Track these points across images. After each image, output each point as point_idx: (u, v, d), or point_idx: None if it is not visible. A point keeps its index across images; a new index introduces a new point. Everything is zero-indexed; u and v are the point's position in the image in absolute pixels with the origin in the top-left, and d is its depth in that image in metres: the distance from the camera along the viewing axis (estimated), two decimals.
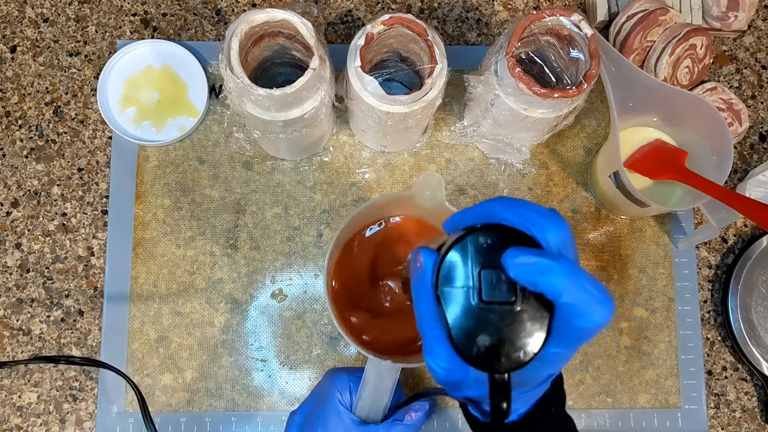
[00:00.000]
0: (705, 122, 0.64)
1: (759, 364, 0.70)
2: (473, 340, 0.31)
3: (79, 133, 0.73)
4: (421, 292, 0.33)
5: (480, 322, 0.31)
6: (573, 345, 0.32)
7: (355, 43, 0.57)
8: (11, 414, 0.68)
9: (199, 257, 0.71)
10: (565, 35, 0.59)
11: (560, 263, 0.29)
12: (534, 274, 0.29)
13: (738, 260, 0.72)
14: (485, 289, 0.31)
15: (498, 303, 0.31)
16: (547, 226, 0.31)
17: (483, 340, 0.30)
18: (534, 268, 0.29)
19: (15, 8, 0.75)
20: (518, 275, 0.30)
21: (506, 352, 0.30)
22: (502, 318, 0.31)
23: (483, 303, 0.31)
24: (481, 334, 0.31)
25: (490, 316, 0.31)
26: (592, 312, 0.29)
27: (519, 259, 0.30)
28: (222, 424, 0.68)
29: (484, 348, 0.30)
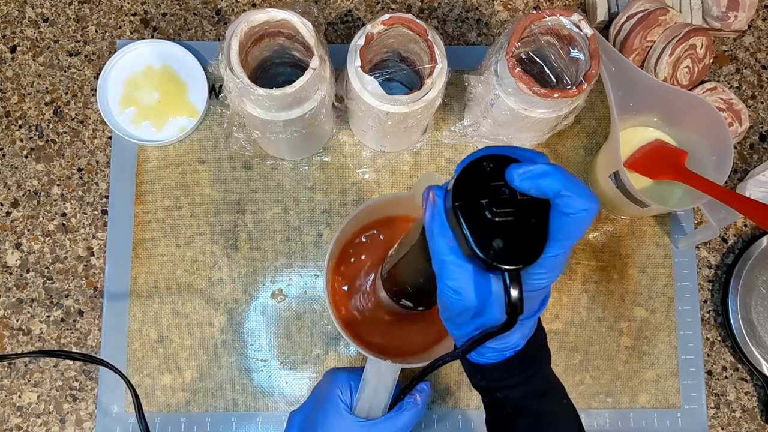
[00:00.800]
0: (705, 122, 0.64)
1: (759, 364, 0.70)
2: (489, 244, 0.36)
3: (79, 133, 0.73)
4: (437, 221, 0.38)
5: (492, 231, 0.36)
6: (567, 243, 0.37)
7: (355, 43, 0.57)
8: (11, 414, 0.68)
9: (199, 257, 0.71)
10: (565, 35, 0.59)
11: (555, 168, 0.35)
12: (536, 178, 0.35)
13: (738, 260, 0.71)
14: (495, 202, 0.36)
15: (505, 212, 0.36)
16: (532, 155, 0.37)
17: (497, 243, 0.36)
18: (535, 173, 0.35)
19: (15, 8, 0.75)
20: (522, 183, 0.35)
21: (517, 251, 0.36)
22: (509, 227, 0.36)
23: (494, 214, 0.36)
24: (495, 240, 0.36)
25: (501, 226, 0.36)
26: (582, 201, 0.35)
27: (521, 169, 0.35)
28: (222, 425, 0.68)
29: (499, 249, 0.35)
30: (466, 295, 0.38)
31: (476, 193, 0.36)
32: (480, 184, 0.36)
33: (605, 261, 0.73)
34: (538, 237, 0.36)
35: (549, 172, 0.35)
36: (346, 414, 0.52)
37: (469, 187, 0.37)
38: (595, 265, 0.72)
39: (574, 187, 0.35)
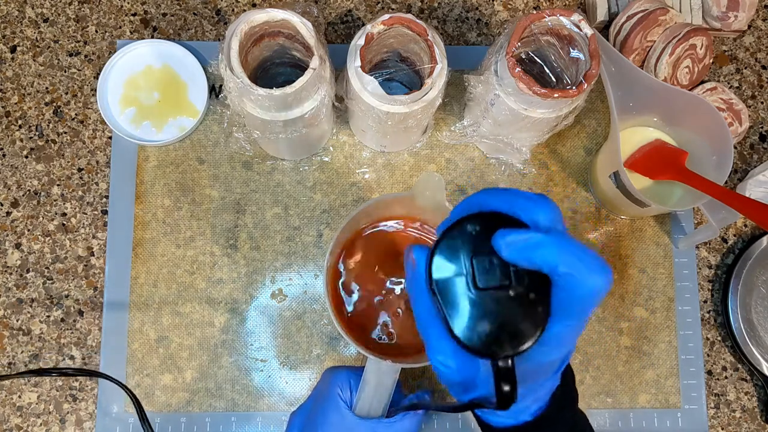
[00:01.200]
0: (705, 122, 0.64)
1: (759, 364, 0.70)
2: (473, 329, 0.30)
3: (79, 133, 0.73)
4: (416, 289, 0.33)
5: (478, 310, 0.30)
6: (575, 320, 0.31)
7: (355, 43, 0.57)
8: (11, 414, 0.68)
9: (199, 257, 0.71)
10: (565, 35, 0.59)
11: (550, 236, 0.29)
12: (527, 250, 0.29)
13: (738, 260, 0.71)
14: (479, 275, 0.30)
15: (493, 288, 0.30)
16: (535, 209, 0.31)
17: (483, 327, 0.30)
18: (526, 244, 0.29)
19: (15, 8, 0.75)
20: (511, 254, 0.30)
21: (508, 337, 0.30)
22: (499, 303, 0.30)
23: (479, 290, 0.30)
24: (480, 321, 0.30)
25: (488, 303, 0.30)
26: (588, 278, 0.29)
27: (510, 238, 0.30)
28: (222, 425, 0.68)
29: (485, 335, 0.30)
30: (459, 370, 0.33)
31: (457, 266, 0.31)
32: (463, 253, 0.31)
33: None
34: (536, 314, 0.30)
35: (542, 242, 0.29)
36: (347, 412, 0.52)
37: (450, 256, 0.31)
38: None
39: (574, 261, 0.29)
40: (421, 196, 0.56)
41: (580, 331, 0.32)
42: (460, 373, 0.33)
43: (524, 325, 0.30)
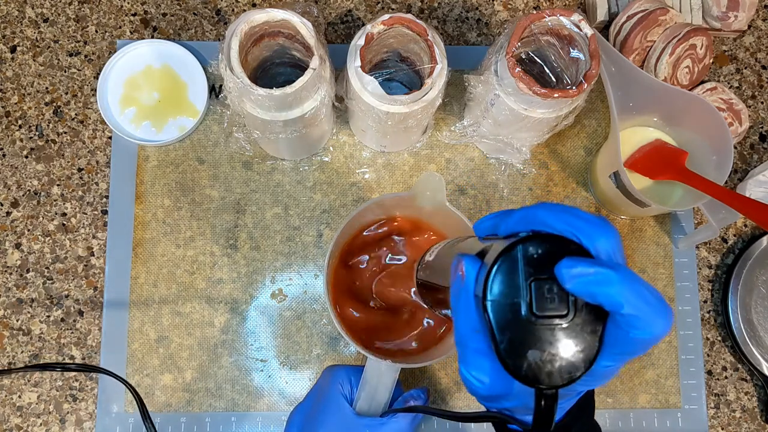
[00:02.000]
0: (705, 122, 0.64)
1: (759, 364, 0.70)
2: (523, 355, 0.29)
3: (79, 133, 0.73)
4: (462, 303, 0.32)
5: (531, 337, 0.29)
6: (625, 358, 0.30)
7: (355, 43, 0.57)
8: (11, 414, 0.68)
9: (199, 257, 0.71)
10: (565, 35, 0.59)
11: (619, 273, 0.28)
12: (593, 285, 0.28)
13: (738, 260, 0.71)
14: (537, 301, 0.29)
15: (550, 317, 0.29)
16: (595, 234, 0.29)
17: (534, 355, 0.29)
18: (592, 278, 0.28)
19: (15, 8, 0.75)
20: (575, 287, 0.28)
21: (557, 367, 0.29)
22: (553, 332, 0.29)
23: (534, 316, 0.29)
24: (531, 348, 0.29)
25: (541, 330, 0.29)
26: (652, 323, 0.28)
27: (576, 270, 0.28)
28: (222, 424, 0.68)
29: (534, 363, 0.29)
30: (494, 387, 0.33)
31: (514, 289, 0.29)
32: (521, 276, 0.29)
33: None
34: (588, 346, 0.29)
35: (609, 279, 0.27)
36: (348, 409, 0.52)
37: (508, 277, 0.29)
38: None
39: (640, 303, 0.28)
40: (421, 196, 0.56)
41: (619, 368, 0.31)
42: (492, 390, 0.33)
43: (575, 356, 0.29)
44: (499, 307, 0.29)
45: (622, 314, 0.28)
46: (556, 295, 0.29)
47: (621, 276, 0.28)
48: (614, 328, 0.29)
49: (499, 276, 0.29)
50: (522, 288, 0.29)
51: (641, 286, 0.28)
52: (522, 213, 0.31)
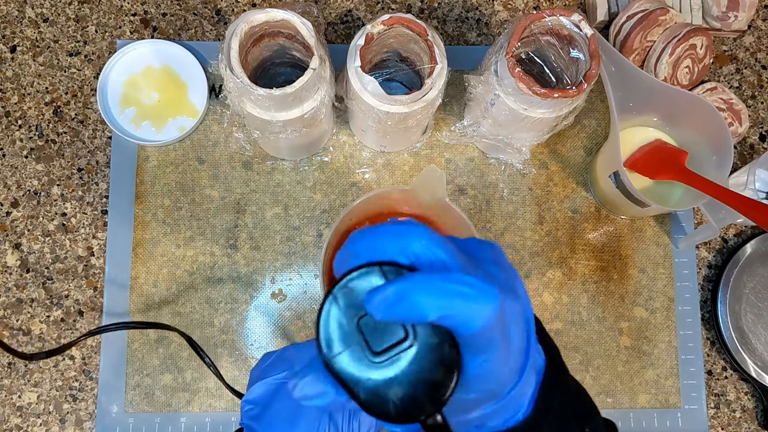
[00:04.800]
0: (705, 122, 0.64)
1: (750, 370, 0.70)
2: (386, 398, 0.27)
3: (79, 133, 0.73)
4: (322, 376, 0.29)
5: (383, 376, 0.27)
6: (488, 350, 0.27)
7: (355, 43, 0.57)
8: (11, 414, 0.68)
9: (199, 257, 0.71)
10: (565, 35, 0.59)
11: (413, 279, 0.25)
12: (393, 306, 0.25)
13: (724, 269, 0.71)
14: (371, 340, 0.27)
15: (391, 347, 0.27)
16: (403, 242, 0.27)
17: (395, 393, 0.26)
18: (389, 300, 0.25)
19: (15, 8, 0.75)
20: (384, 315, 0.26)
21: (426, 394, 0.27)
22: (401, 361, 0.27)
23: (376, 355, 0.27)
24: (390, 388, 0.27)
25: (390, 365, 0.27)
26: (470, 312, 0.25)
27: (375, 299, 0.26)
28: (222, 425, 0.68)
29: (400, 401, 0.26)
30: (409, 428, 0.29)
31: (346, 338, 0.27)
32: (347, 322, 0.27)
33: (605, 261, 0.73)
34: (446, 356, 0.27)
35: (405, 291, 0.25)
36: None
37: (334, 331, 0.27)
38: (595, 265, 0.72)
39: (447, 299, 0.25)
40: (421, 191, 0.56)
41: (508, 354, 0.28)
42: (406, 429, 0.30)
43: (437, 373, 0.26)
44: (341, 363, 0.27)
45: (440, 319, 0.25)
46: (388, 324, 0.27)
47: (418, 282, 0.25)
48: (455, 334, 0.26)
49: (327, 329, 0.27)
50: (352, 333, 0.27)
51: (446, 281, 0.25)
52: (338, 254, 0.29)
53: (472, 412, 0.30)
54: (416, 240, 0.27)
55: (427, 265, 0.27)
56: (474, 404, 0.30)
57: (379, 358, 0.27)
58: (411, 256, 0.27)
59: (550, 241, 0.72)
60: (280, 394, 0.50)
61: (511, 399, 0.31)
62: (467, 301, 0.25)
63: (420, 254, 0.27)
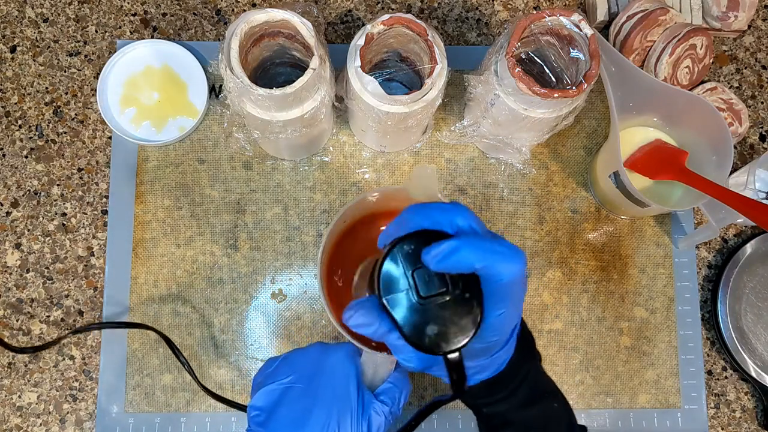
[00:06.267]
0: (705, 122, 0.64)
1: (750, 370, 0.70)
2: (423, 332, 0.36)
3: (79, 133, 0.73)
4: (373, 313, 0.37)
5: (424, 316, 0.36)
6: (504, 307, 0.36)
7: (355, 43, 0.57)
8: (11, 414, 0.68)
9: (199, 257, 0.71)
10: (565, 35, 0.59)
11: (464, 239, 0.34)
12: (447, 258, 0.34)
13: (724, 268, 0.71)
14: (420, 287, 0.36)
15: (434, 296, 0.36)
16: (451, 217, 0.36)
17: (431, 330, 0.35)
18: (445, 253, 0.34)
19: (15, 8, 0.75)
20: (437, 265, 0.34)
21: (453, 333, 0.36)
22: (441, 307, 0.36)
23: (422, 299, 0.36)
24: (427, 325, 0.35)
25: (431, 308, 0.36)
26: (504, 267, 0.34)
27: (434, 252, 0.34)
28: (222, 425, 0.68)
29: (433, 336, 0.35)
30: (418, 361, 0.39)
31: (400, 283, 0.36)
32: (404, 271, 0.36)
33: (605, 261, 0.73)
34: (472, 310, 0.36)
35: (457, 247, 0.34)
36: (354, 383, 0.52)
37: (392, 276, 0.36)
38: (595, 265, 0.72)
39: (488, 254, 0.34)
40: (414, 189, 0.56)
41: (515, 315, 0.38)
42: (421, 364, 0.39)
43: (464, 321, 0.36)
44: (394, 300, 0.36)
45: (478, 270, 0.34)
46: (433, 278, 0.36)
47: (465, 241, 0.34)
48: (485, 285, 0.36)
49: (386, 275, 0.36)
50: (407, 280, 0.36)
51: (486, 242, 0.34)
52: (397, 219, 0.38)
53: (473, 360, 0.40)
54: (460, 215, 0.36)
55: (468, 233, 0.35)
56: (477, 354, 0.40)
57: (423, 302, 0.35)
58: (455, 227, 0.36)
59: (550, 241, 0.72)
60: (286, 399, 0.50)
61: (497, 357, 0.41)
62: (502, 257, 0.34)
63: (463, 226, 0.36)
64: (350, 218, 0.64)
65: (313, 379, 0.51)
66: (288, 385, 0.51)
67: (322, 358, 0.53)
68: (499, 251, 0.34)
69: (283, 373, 0.52)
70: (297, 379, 0.52)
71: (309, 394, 0.50)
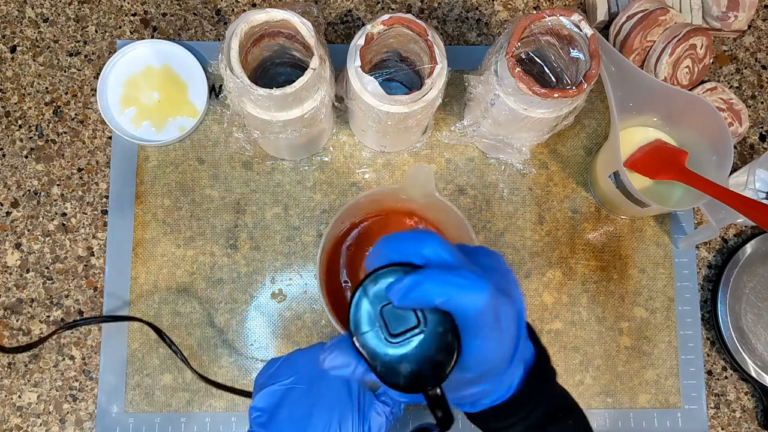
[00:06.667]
0: (705, 122, 0.64)
1: (750, 370, 0.70)
2: (397, 371, 0.34)
3: (79, 133, 0.73)
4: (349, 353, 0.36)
5: (397, 354, 0.34)
6: (480, 338, 0.34)
7: (355, 43, 0.57)
8: (11, 414, 0.68)
9: (199, 257, 0.71)
10: (565, 35, 0.59)
11: (425, 273, 0.32)
12: (408, 293, 0.32)
13: (724, 268, 0.71)
14: (390, 324, 0.34)
15: (405, 331, 0.34)
16: (418, 247, 0.34)
17: (405, 368, 0.34)
18: (405, 289, 0.32)
19: (15, 8, 0.75)
20: (400, 301, 0.33)
21: (430, 370, 0.34)
22: (415, 343, 0.34)
23: (393, 336, 0.34)
24: (401, 363, 0.34)
25: (405, 345, 0.34)
26: (466, 299, 0.32)
27: (395, 288, 0.33)
28: (222, 425, 0.68)
29: (408, 374, 0.34)
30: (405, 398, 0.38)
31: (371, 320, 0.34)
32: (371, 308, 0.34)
33: (605, 261, 0.73)
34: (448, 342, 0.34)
35: (418, 281, 0.32)
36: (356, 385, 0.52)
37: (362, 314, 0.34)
38: (595, 265, 0.72)
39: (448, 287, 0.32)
40: (411, 188, 0.57)
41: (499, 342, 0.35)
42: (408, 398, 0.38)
43: (440, 355, 0.34)
44: (365, 341, 0.34)
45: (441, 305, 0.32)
46: (404, 314, 0.34)
47: (428, 275, 0.32)
48: (455, 317, 0.33)
49: (356, 315, 0.34)
50: (377, 317, 0.34)
51: (449, 275, 0.32)
52: (372, 250, 0.36)
53: (468, 389, 0.38)
54: (428, 245, 0.34)
55: (435, 264, 0.34)
56: (470, 383, 0.37)
57: (395, 339, 0.34)
58: (424, 258, 0.34)
59: (550, 241, 0.72)
60: (288, 399, 0.50)
61: (500, 382, 0.39)
62: (463, 289, 0.32)
63: (430, 256, 0.34)
64: (348, 220, 0.64)
65: (314, 380, 0.51)
66: (289, 386, 0.51)
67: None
68: (459, 284, 0.32)
69: (285, 374, 0.52)
70: (298, 380, 0.52)
71: (310, 394, 0.51)
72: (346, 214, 0.60)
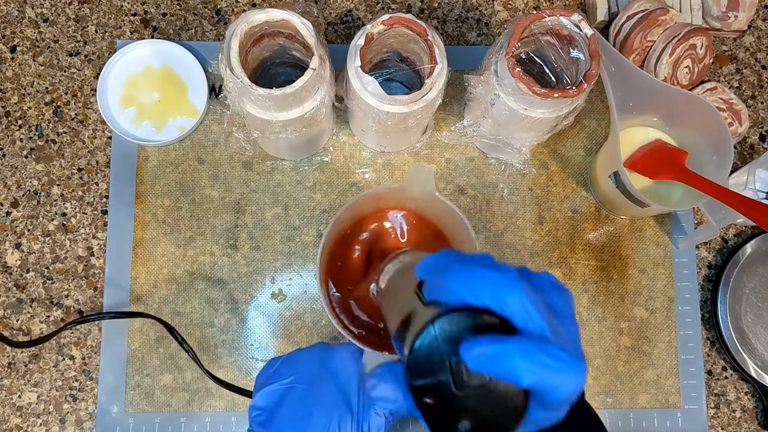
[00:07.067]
0: (705, 122, 0.64)
1: (750, 370, 0.70)
2: (452, 427, 0.30)
3: (79, 133, 0.73)
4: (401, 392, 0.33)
5: (458, 409, 0.29)
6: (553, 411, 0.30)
7: (355, 43, 0.57)
8: (11, 414, 0.68)
9: (199, 257, 0.71)
10: (565, 35, 0.59)
11: (512, 344, 0.28)
12: (491, 362, 0.28)
13: (724, 269, 0.71)
14: (457, 378, 0.29)
15: (473, 387, 0.29)
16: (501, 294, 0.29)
17: (464, 426, 0.30)
18: (487, 356, 0.28)
19: (15, 8, 0.75)
20: (477, 367, 0.28)
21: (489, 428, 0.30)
22: (479, 399, 0.29)
23: (459, 390, 0.29)
24: (459, 420, 0.30)
25: (467, 401, 0.29)
26: (559, 386, 0.28)
27: (475, 351, 0.28)
28: (222, 425, 0.68)
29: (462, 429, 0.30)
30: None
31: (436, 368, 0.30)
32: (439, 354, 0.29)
33: (605, 261, 0.73)
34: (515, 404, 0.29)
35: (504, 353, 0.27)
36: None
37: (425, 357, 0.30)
38: (595, 265, 0.72)
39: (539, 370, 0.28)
40: (411, 188, 0.57)
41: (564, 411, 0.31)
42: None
43: (504, 418, 0.29)
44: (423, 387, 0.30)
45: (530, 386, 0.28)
46: None
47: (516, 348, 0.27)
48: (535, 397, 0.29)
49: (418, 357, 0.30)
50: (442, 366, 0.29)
51: (541, 353, 0.28)
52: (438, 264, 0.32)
53: None
54: (511, 295, 0.29)
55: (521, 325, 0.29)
56: None
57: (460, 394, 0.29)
58: (506, 309, 0.29)
59: (550, 241, 0.72)
60: (288, 399, 0.50)
61: None
62: (558, 373, 0.28)
63: (515, 312, 0.29)
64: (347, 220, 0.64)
65: (314, 379, 0.51)
66: (289, 385, 0.51)
67: (324, 359, 0.53)
68: (553, 367, 0.28)
69: (285, 374, 0.52)
70: (298, 379, 0.52)
71: (310, 394, 0.51)
72: (346, 214, 0.60)
